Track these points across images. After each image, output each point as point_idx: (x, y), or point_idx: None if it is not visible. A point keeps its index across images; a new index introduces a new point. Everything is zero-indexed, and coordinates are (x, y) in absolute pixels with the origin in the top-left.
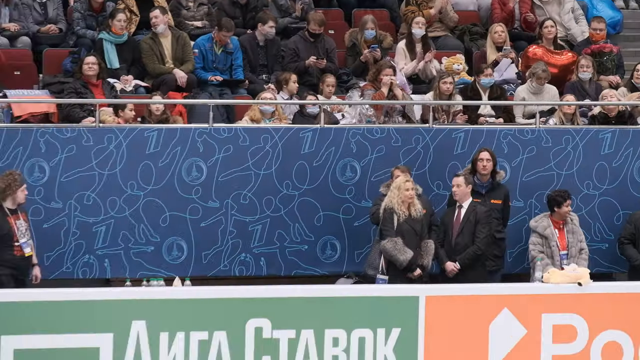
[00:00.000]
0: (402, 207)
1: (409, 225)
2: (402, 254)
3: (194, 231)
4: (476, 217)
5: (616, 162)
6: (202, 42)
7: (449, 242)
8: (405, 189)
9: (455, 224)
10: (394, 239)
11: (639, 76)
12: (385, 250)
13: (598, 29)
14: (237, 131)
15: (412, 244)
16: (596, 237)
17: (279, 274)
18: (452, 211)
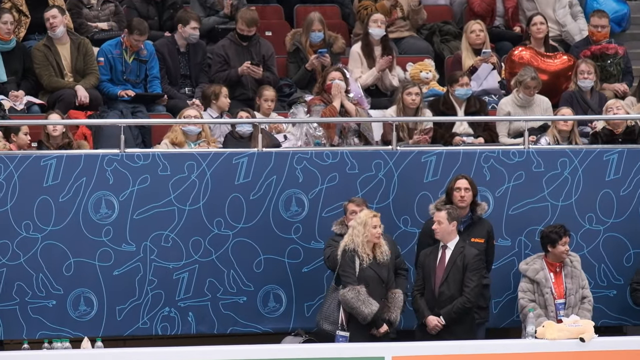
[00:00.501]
0: (367, 249)
1: (373, 271)
2: (366, 307)
3: (105, 281)
4: (464, 262)
5: (624, 190)
6: (108, 48)
7: (431, 290)
8: (372, 225)
9: (439, 269)
10: (357, 287)
11: None
12: (346, 301)
13: (599, 26)
14: (155, 158)
15: (376, 293)
16: (602, 283)
17: (212, 332)
18: (434, 252)
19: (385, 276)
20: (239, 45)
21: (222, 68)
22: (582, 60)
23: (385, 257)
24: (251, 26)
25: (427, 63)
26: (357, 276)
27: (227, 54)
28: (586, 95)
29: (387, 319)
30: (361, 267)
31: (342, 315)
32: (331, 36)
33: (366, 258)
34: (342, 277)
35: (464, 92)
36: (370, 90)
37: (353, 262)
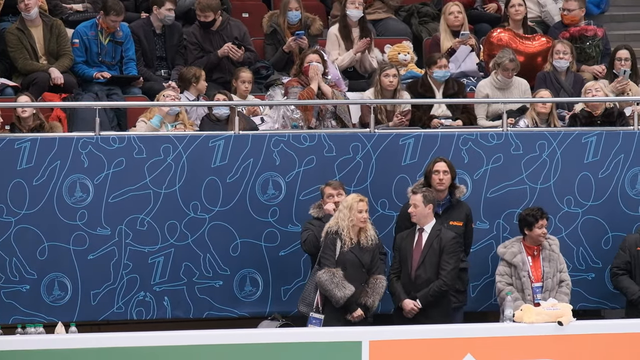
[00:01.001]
0: (351, 233)
1: (354, 255)
2: (339, 290)
3: (80, 265)
4: (441, 245)
5: (603, 172)
6: (83, 30)
7: (407, 274)
8: (357, 209)
9: (415, 253)
10: (333, 269)
11: (623, 65)
12: (321, 283)
13: (567, 10)
14: (131, 140)
15: (355, 278)
16: (580, 266)
17: (187, 316)
18: (411, 235)
19: (368, 261)
20: (208, 31)
21: (199, 55)
22: (559, 41)
23: (370, 241)
24: (205, 11)
25: (405, 45)
26: (337, 259)
27: (199, 41)
28: (560, 76)
29: (363, 304)
30: (342, 250)
31: (318, 298)
32: (309, 18)
33: (348, 242)
34: (321, 259)
35: (442, 74)
36: (348, 72)
37: (334, 244)
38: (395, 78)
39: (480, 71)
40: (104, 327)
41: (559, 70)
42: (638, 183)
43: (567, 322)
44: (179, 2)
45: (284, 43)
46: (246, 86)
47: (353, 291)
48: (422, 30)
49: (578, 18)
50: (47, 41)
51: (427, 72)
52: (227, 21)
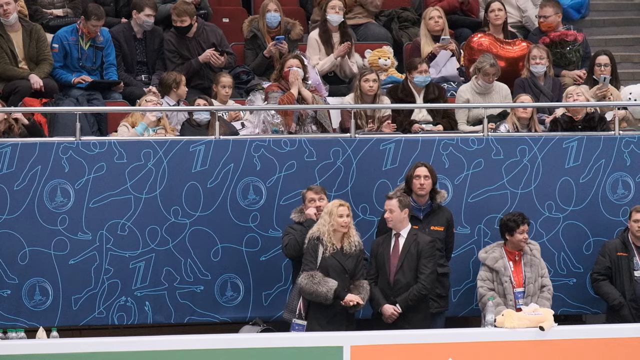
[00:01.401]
0: (333, 238)
1: (337, 260)
2: (322, 286)
3: (61, 270)
4: (418, 249)
5: (584, 177)
6: (64, 34)
7: (385, 279)
8: (338, 214)
9: (393, 258)
10: (311, 272)
11: (602, 71)
12: (303, 288)
13: (543, 17)
14: (112, 145)
15: (338, 284)
16: (561, 271)
17: (169, 321)
18: (387, 241)
19: (351, 267)
20: (185, 38)
21: (179, 61)
22: (535, 46)
23: (353, 247)
24: (182, 16)
25: (386, 50)
26: (319, 265)
27: (176, 47)
28: (539, 81)
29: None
30: (324, 255)
31: (301, 304)
32: (289, 23)
33: (330, 247)
34: (303, 264)
35: (422, 79)
36: (328, 77)
37: (315, 250)
38: (375, 83)
39: (461, 76)
40: (85, 332)
41: (537, 75)
42: (619, 188)
43: (548, 327)
44: (160, 7)
45: (264, 48)
46: (227, 91)
47: (337, 283)
48: (403, 35)
49: (554, 24)
50: (26, 46)
51: (408, 77)
52: (202, 26)
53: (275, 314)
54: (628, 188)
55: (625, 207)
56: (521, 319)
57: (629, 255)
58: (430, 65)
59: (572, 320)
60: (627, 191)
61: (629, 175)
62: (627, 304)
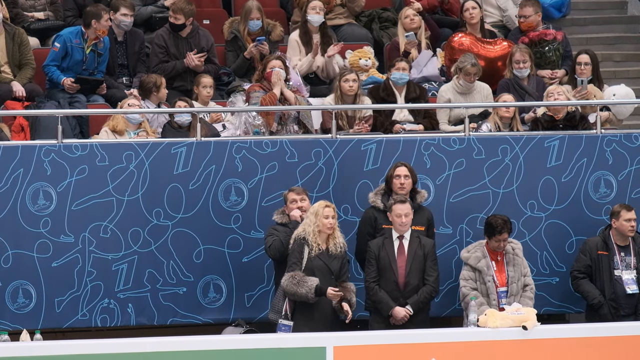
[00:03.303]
0: (318, 239)
1: (322, 262)
2: (301, 286)
3: (44, 272)
4: (424, 251)
5: (566, 176)
6: (68, 35)
7: (393, 282)
8: (323, 215)
9: (400, 260)
10: (293, 272)
11: (582, 70)
12: (285, 289)
13: (524, 16)
14: (93, 148)
15: (324, 284)
16: (544, 270)
17: (152, 323)
18: (389, 243)
19: (337, 268)
20: (177, 36)
21: (164, 59)
22: (517, 49)
23: (338, 248)
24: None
25: (366, 50)
26: (305, 266)
27: (167, 45)
28: (523, 82)
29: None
30: (310, 256)
31: (287, 305)
32: (269, 24)
33: (316, 248)
34: (288, 265)
35: (399, 76)
36: (309, 78)
37: (301, 251)
38: (355, 83)
39: (442, 76)
40: (69, 334)
41: (520, 78)
42: (601, 187)
43: (531, 327)
44: (140, 9)
45: (244, 49)
46: (208, 91)
47: (317, 281)
48: (383, 36)
49: (535, 24)
50: (9, 50)
51: (389, 76)
52: (196, 30)
53: (258, 315)
54: (610, 187)
55: (607, 205)
56: (504, 318)
57: (610, 254)
58: (411, 65)
59: (555, 320)
60: (609, 190)
61: (611, 174)
62: (606, 303)
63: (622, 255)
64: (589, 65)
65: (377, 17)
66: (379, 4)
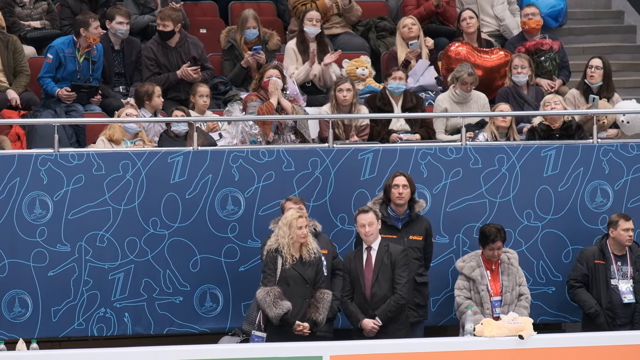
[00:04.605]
0: (292, 250)
1: (296, 271)
2: (270, 310)
3: (40, 282)
4: (392, 259)
5: (562, 185)
6: (60, 46)
7: (361, 293)
8: (297, 226)
9: (367, 271)
10: (268, 288)
11: (592, 74)
12: (258, 302)
13: (530, 14)
14: (90, 157)
15: (299, 294)
16: (540, 279)
17: (148, 332)
18: (359, 255)
19: (312, 276)
20: (166, 46)
21: (155, 70)
22: (516, 55)
23: (312, 255)
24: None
25: (363, 60)
26: (279, 276)
27: (157, 57)
28: (522, 90)
29: (312, 319)
30: (284, 267)
31: (260, 316)
32: (266, 33)
33: (290, 258)
34: (262, 276)
35: (395, 86)
36: (306, 87)
37: (274, 263)
38: (349, 92)
39: (439, 85)
40: (65, 343)
41: (519, 84)
42: (598, 196)
43: (527, 336)
44: (137, 18)
45: (241, 58)
46: (204, 100)
47: (288, 308)
48: (380, 45)
49: (541, 22)
50: (4, 58)
51: (385, 85)
52: (184, 38)
53: None
54: (607, 196)
55: (603, 215)
56: (500, 327)
57: (606, 264)
58: (408, 74)
59: (551, 329)
60: (606, 199)
61: (608, 183)
62: (602, 312)
63: (618, 264)
64: (600, 70)
65: (374, 27)
66: (375, 14)
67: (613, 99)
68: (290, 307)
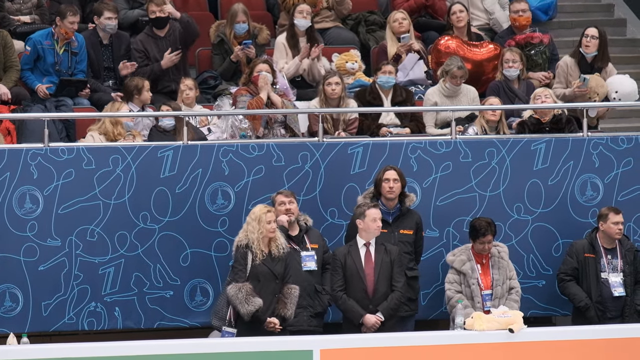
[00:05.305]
0: (261, 245)
1: (266, 267)
2: (243, 306)
3: (31, 276)
4: (391, 258)
5: (552, 179)
6: (38, 38)
7: (361, 290)
8: (266, 221)
9: (368, 268)
10: (240, 284)
11: (588, 43)
12: (229, 298)
13: (520, 10)
14: (80, 152)
15: (269, 290)
16: (530, 273)
17: (139, 326)
18: (355, 251)
19: (281, 271)
20: (156, 37)
21: (143, 63)
22: (508, 49)
23: (281, 250)
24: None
25: (353, 53)
26: (250, 272)
27: (146, 49)
28: (513, 84)
29: (281, 315)
30: (254, 263)
31: (231, 312)
32: (256, 27)
33: (260, 254)
34: (232, 273)
35: (385, 80)
36: (295, 81)
37: (245, 258)
38: (338, 86)
39: (429, 79)
40: (56, 337)
41: (510, 78)
42: (588, 190)
43: (518, 329)
44: (127, 13)
45: (231, 53)
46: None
47: (259, 305)
48: (370, 39)
49: (530, 18)
50: None
51: (375, 79)
52: (172, 29)
53: None
54: (597, 190)
55: (594, 208)
56: (490, 321)
57: (596, 257)
58: (398, 68)
59: (541, 322)
60: (596, 193)
61: (598, 176)
62: (592, 306)
63: (608, 257)
64: (595, 40)
65: (363, 21)
66: (365, 7)
67: (607, 69)
68: (261, 304)
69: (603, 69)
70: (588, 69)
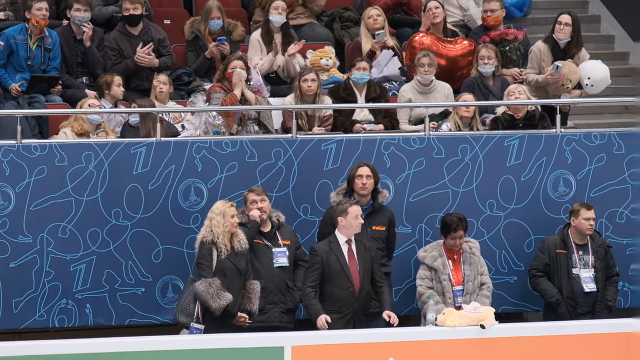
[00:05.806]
0: (225, 240)
1: (231, 262)
2: (214, 301)
3: (1, 273)
4: (370, 254)
5: (525, 175)
6: (12, 33)
7: (348, 287)
8: (230, 215)
9: (352, 265)
10: (209, 280)
11: (561, 30)
12: (198, 294)
13: (490, 10)
14: (52, 148)
15: (235, 285)
16: (502, 269)
17: (110, 323)
18: (336, 248)
19: (243, 267)
20: (129, 35)
21: (117, 61)
22: (483, 46)
23: (242, 245)
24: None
25: (328, 50)
26: (215, 268)
27: (120, 47)
28: (487, 81)
29: (247, 310)
30: (219, 258)
31: (198, 308)
32: (230, 24)
33: (224, 249)
34: (199, 269)
35: (359, 76)
36: (269, 77)
37: (210, 254)
38: (314, 83)
39: (403, 76)
40: (26, 335)
41: (485, 75)
42: (560, 186)
43: (489, 325)
44: (101, 9)
45: (205, 49)
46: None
47: (230, 299)
48: (345, 35)
49: (501, 19)
50: None
51: (349, 76)
52: (147, 26)
53: None
54: (569, 186)
55: (566, 204)
56: (462, 317)
57: (568, 253)
58: (372, 64)
59: (513, 318)
60: (569, 189)
61: (570, 173)
62: (564, 301)
63: (580, 253)
64: (569, 27)
65: (338, 17)
66: (340, 4)
67: (580, 54)
68: (231, 298)
69: (576, 55)
70: (561, 54)
